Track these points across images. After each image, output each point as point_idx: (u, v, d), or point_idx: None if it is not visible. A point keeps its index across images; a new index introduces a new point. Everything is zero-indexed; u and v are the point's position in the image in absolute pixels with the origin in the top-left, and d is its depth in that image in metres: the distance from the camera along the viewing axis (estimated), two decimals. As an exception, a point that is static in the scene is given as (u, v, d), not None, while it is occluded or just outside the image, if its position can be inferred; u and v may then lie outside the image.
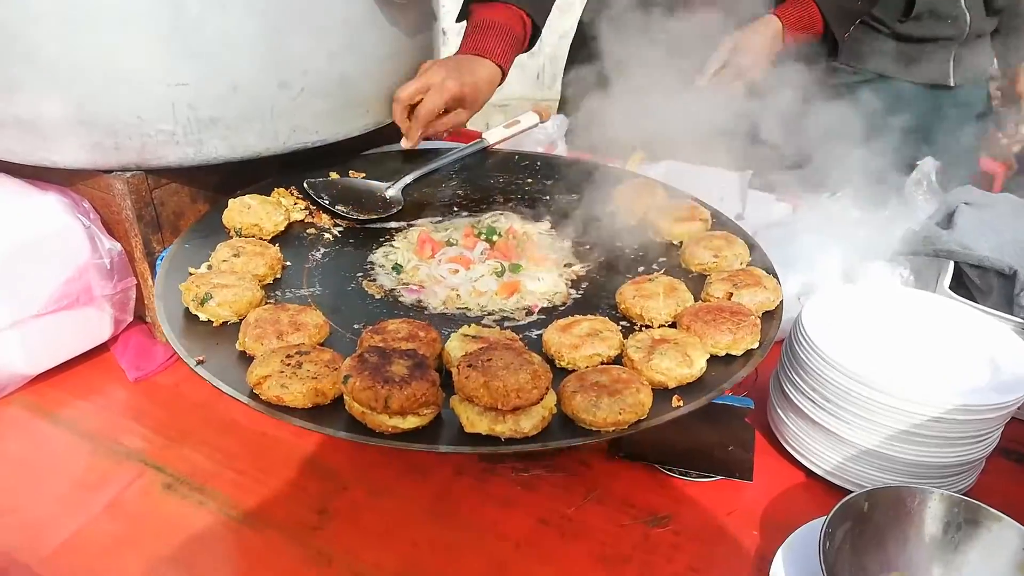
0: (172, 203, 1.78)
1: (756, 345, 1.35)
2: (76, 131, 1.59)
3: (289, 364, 1.18)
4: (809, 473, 1.47)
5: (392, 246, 1.73)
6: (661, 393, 1.24)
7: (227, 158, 1.69)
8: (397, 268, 1.63)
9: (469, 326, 1.35)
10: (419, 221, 1.83)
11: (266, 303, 1.46)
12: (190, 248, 1.60)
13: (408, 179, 1.90)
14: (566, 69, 2.97)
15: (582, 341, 1.30)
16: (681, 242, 1.72)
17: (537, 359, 1.15)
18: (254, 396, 1.18)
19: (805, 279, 1.88)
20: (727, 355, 1.34)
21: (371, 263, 1.66)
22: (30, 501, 1.41)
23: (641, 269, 1.66)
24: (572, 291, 1.61)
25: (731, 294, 1.45)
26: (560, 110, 2.99)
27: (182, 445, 1.51)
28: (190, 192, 1.81)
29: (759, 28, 2.25)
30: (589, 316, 1.38)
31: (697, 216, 1.74)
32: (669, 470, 1.43)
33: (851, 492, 1.30)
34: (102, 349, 1.78)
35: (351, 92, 1.81)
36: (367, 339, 1.28)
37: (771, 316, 1.45)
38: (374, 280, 1.61)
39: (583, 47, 2.81)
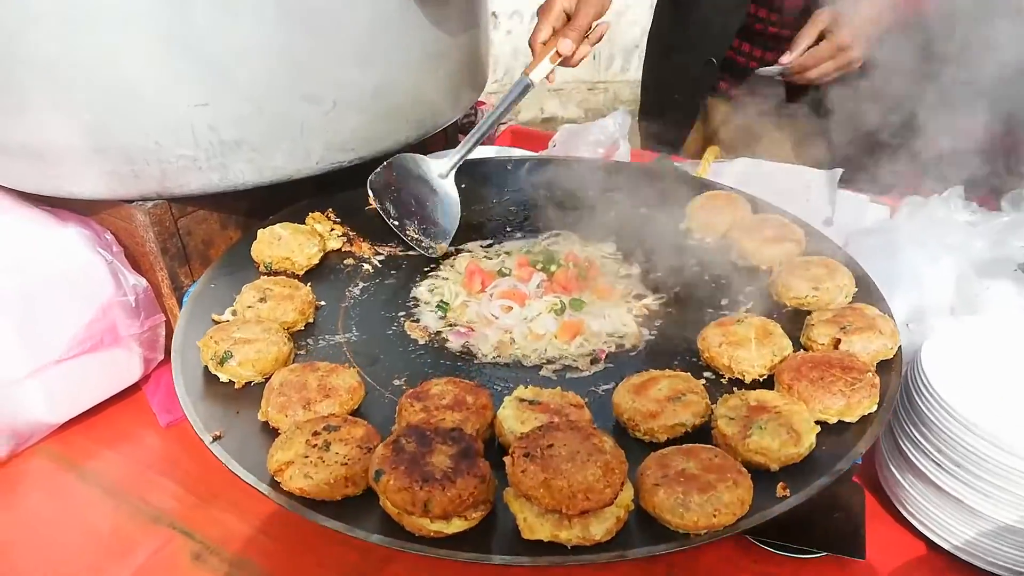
0: (200, 232, 1.63)
1: (874, 408, 1.12)
2: (90, 159, 1.45)
3: (315, 446, 1.01)
4: (931, 545, 1.23)
5: (438, 277, 1.54)
6: (760, 475, 1.01)
7: (255, 183, 1.53)
8: (443, 307, 1.44)
9: (525, 386, 1.15)
10: (468, 245, 1.64)
11: (296, 355, 1.29)
12: (216, 288, 1.45)
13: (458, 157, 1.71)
14: (647, 55, 2.70)
15: (661, 407, 1.09)
16: (770, 268, 1.48)
17: (609, 444, 0.95)
18: (275, 484, 1.01)
19: (913, 302, 1.62)
20: (839, 421, 1.11)
21: (415, 299, 1.48)
22: (50, 569, 1.29)
23: (724, 302, 1.43)
24: (644, 330, 1.39)
25: (839, 340, 1.21)
26: (642, 101, 2.76)
27: (212, 505, 1.37)
28: (219, 219, 1.66)
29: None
30: (668, 372, 1.17)
31: (788, 236, 1.49)
32: (763, 543, 1.21)
33: (985, 571, 1.07)
34: (134, 389, 1.65)
35: (390, 102, 1.61)
36: (406, 408, 1.09)
37: (888, 367, 1.21)
38: (417, 321, 1.42)
39: (664, 29, 2.56)
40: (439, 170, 1.67)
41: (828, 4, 1.97)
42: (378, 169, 1.63)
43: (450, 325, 1.40)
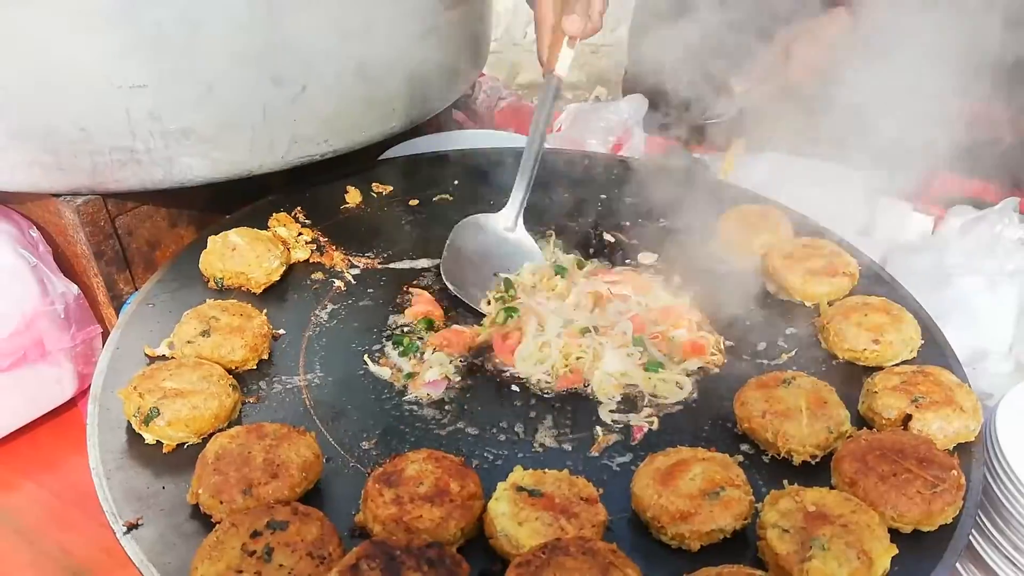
0: (144, 231, 1.39)
1: (957, 513, 0.90)
2: (3, 145, 1.19)
3: (253, 553, 0.78)
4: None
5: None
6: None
7: (208, 179, 1.28)
8: (407, 345, 1.18)
9: (524, 467, 0.92)
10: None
11: (243, 403, 1.06)
12: (154, 309, 1.21)
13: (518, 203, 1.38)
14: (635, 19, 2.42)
15: (695, 506, 0.86)
16: (817, 304, 1.25)
17: (634, 579, 0.73)
18: (200, 603, 0.78)
19: (970, 341, 1.40)
20: (913, 531, 0.89)
21: (392, 328, 1.23)
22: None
23: (762, 346, 1.20)
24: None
25: (909, 416, 0.99)
26: (626, 80, 2.48)
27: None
28: (167, 215, 1.41)
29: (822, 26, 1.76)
30: (700, 452, 0.94)
31: (840, 268, 1.26)
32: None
33: None
34: (68, 406, 1.43)
35: (373, 87, 1.36)
36: (374, 496, 0.87)
37: (967, 452, 0.99)
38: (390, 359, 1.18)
39: None
40: (504, 224, 1.39)
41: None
42: (444, 255, 1.34)
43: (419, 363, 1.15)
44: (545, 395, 1.12)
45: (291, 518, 0.83)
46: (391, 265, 1.36)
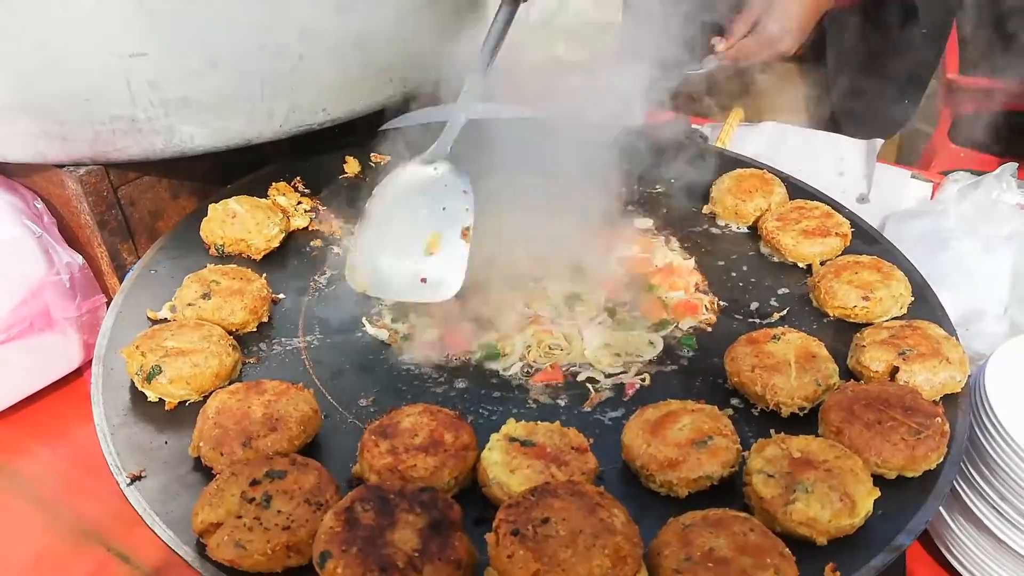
0: (145, 201, 1.41)
1: (940, 460, 0.91)
2: (5, 116, 1.22)
3: (252, 500, 0.81)
4: (984, 600, 1.05)
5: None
6: (802, 547, 0.82)
7: (208, 148, 1.30)
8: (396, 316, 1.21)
9: (517, 421, 0.94)
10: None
11: (244, 364, 1.08)
12: (157, 275, 1.23)
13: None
14: None
15: (683, 454, 0.88)
16: (809, 265, 1.26)
17: (620, 519, 0.75)
18: (202, 548, 0.81)
19: (965, 301, 1.42)
20: (898, 476, 0.91)
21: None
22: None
23: (754, 306, 1.22)
24: (656, 337, 1.17)
25: (896, 368, 1.00)
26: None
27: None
28: (169, 186, 1.43)
29: None
30: (689, 404, 0.96)
31: (832, 228, 1.27)
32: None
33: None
34: (75, 376, 1.47)
35: (370, 57, 1.37)
36: (370, 447, 0.89)
37: (954, 403, 1.00)
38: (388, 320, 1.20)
39: None
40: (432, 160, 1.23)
41: None
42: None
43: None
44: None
45: (289, 468, 0.85)
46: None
